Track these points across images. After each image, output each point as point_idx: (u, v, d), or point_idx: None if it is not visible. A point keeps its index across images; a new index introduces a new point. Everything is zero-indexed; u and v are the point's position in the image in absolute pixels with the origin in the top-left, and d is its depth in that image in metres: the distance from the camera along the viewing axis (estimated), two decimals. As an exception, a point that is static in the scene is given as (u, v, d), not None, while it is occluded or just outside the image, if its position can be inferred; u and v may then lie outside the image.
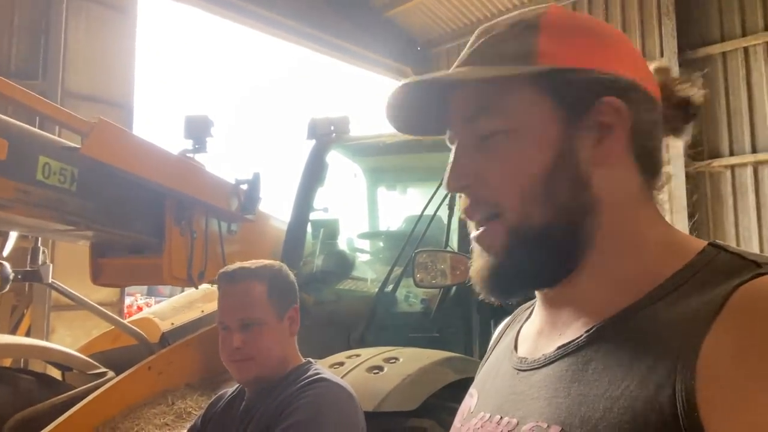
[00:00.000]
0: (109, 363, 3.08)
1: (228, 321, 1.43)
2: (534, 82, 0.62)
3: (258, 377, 1.43)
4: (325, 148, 3.63)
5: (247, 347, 1.40)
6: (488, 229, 0.64)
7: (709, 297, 0.52)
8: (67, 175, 2.21)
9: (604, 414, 0.52)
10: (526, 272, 0.63)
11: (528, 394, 0.63)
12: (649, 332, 0.54)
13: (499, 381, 0.71)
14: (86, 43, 5.95)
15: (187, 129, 2.84)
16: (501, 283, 0.64)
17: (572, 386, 0.57)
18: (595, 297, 0.62)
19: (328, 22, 8.95)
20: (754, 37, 7.19)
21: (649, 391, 0.50)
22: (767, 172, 6.99)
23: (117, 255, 2.85)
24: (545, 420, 0.57)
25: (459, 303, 2.93)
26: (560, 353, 0.62)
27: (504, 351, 0.76)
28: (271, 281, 1.47)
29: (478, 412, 0.69)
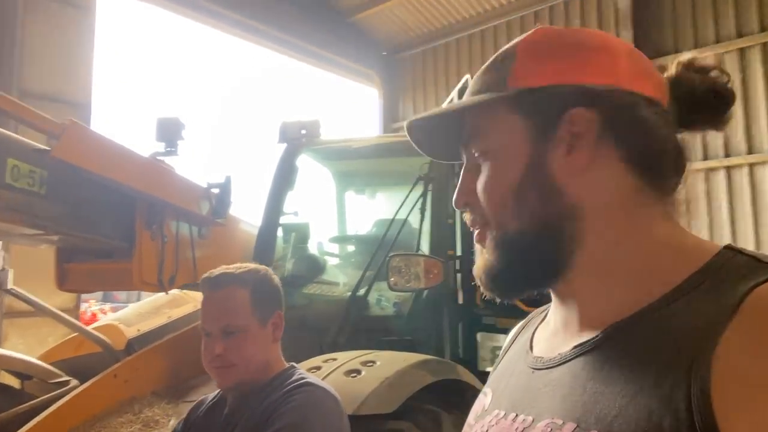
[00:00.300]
0: (72, 371, 2.99)
1: (210, 328, 1.42)
2: (508, 106, 0.67)
3: (239, 383, 1.42)
4: (296, 151, 3.63)
5: (228, 354, 1.39)
6: (482, 234, 0.70)
7: (724, 299, 0.53)
8: (36, 178, 2.14)
9: (619, 412, 0.53)
10: (515, 273, 0.67)
11: (543, 391, 0.64)
12: (665, 333, 0.55)
13: (514, 380, 0.72)
14: (43, 41, 5.76)
15: (158, 131, 2.79)
16: (496, 283, 0.69)
17: (588, 384, 0.58)
18: (606, 298, 0.63)
19: (295, 25, 8.92)
20: (706, 48, 7.53)
21: (665, 390, 0.51)
22: (718, 178, 7.32)
23: (84, 260, 2.77)
24: (560, 417, 0.58)
25: (431, 306, 2.97)
26: (576, 352, 0.63)
27: (519, 352, 0.77)
28: (254, 287, 1.46)
29: (493, 410, 0.71)
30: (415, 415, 2.07)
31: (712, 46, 7.50)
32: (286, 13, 8.78)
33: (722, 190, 7.30)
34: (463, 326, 3.21)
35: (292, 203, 3.57)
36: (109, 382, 2.77)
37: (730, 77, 0.70)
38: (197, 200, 3.04)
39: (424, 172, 2.99)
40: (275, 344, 1.50)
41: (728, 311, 0.51)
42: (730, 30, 7.43)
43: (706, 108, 0.69)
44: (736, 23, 7.38)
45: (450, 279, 3.08)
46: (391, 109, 10.71)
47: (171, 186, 2.86)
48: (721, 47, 7.44)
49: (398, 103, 10.68)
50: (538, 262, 0.66)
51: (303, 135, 3.64)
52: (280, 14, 8.66)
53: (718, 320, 0.51)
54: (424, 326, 2.95)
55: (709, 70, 0.70)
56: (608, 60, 0.65)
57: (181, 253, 2.95)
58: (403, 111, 10.58)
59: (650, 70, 0.68)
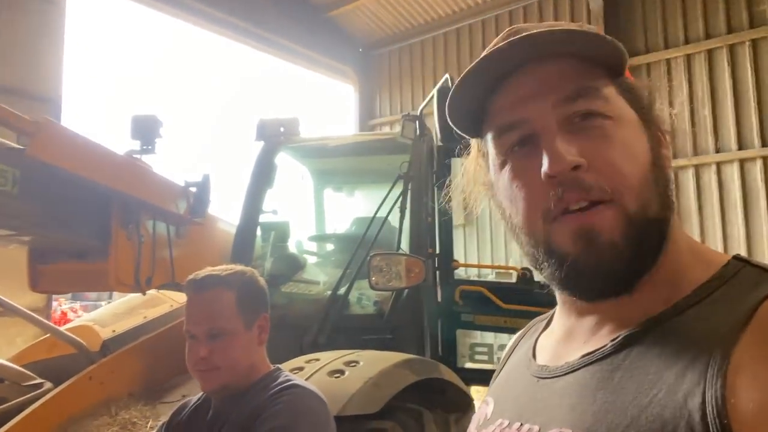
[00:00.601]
0: (45, 373, 2.92)
1: (195, 330, 1.40)
2: (615, 82, 0.64)
3: (224, 386, 1.40)
4: (274, 149, 3.61)
5: (213, 357, 1.37)
6: (597, 213, 0.58)
7: (737, 308, 0.52)
8: (8, 177, 2.08)
9: (631, 422, 0.52)
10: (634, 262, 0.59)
11: (550, 401, 0.62)
12: (677, 342, 0.54)
13: (518, 389, 0.70)
14: (10, 35, 5.60)
15: (134, 129, 2.73)
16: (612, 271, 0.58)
17: (598, 394, 0.57)
18: (624, 306, 0.61)
19: (271, 21, 8.84)
20: (675, 50, 7.72)
21: (678, 399, 0.50)
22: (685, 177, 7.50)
23: (58, 260, 2.70)
24: (569, 426, 0.57)
25: (411, 304, 2.99)
26: (585, 361, 0.61)
27: (521, 360, 0.76)
28: (240, 289, 1.44)
29: (496, 419, 0.69)
30: (399, 415, 2.08)
31: (682, 47, 7.68)
32: (263, 9, 8.70)
33: (691, 189, 7.50)
34: (443, 324, 3.24)
35: (270, 201, 3.55)
36: (84, 384, 2.72)
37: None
38: (175, 199, 2.99)
39: (404, 170, 3.00)
40: (261, 347, 1.49)
41: (741, 321, 0.51)
42: (699, 31, 7.62)
43: None
44: (704, 25, 7.58)
45: (429, 277, 3.11)
46: (367, 106, 10.71)
47: (147, 184, 2.81)
48: (690, 48, 7.63)
49: (375, 99, 10.68)
50: (652, 257, 0.60)
51: (281, 133, 3.61)
52: (256, 10, 8.58)
53: (731, 330, 0.51)
54: (405, 324, 2.96)
55: None
56: None
57: (158, 252, 2.90)
58: (379, 108, 10.59)
59: None
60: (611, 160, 0.59)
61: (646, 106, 0.65)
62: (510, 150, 0.64)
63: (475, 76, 0.64)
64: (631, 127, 0.62)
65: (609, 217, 0.58)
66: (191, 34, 17.99)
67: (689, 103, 7.54)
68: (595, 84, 0.61)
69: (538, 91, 0.62)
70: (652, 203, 0.59)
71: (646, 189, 0.59)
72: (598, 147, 0.59)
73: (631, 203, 0.58)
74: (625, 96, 0.63)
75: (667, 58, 7.81)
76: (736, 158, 7.23)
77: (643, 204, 0.58)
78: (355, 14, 9.95)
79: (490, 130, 0.67)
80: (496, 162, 0.67)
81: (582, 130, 0.60)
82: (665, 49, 7.83)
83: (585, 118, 0.61)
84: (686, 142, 7.50)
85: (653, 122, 0.65)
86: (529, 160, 0.62)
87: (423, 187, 3.13)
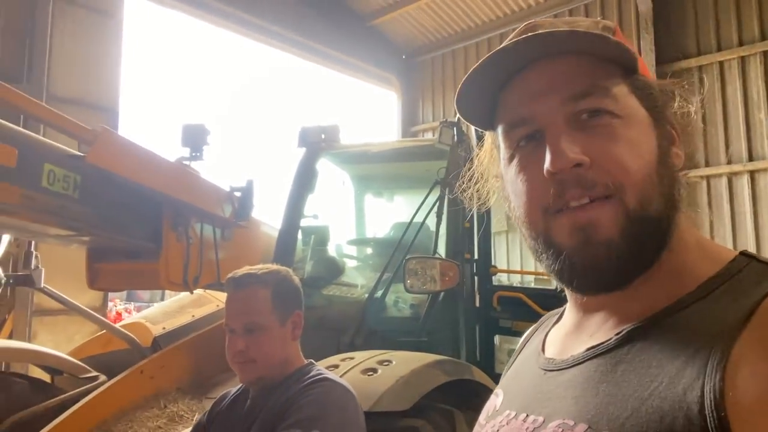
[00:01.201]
0: (100, 367, 3.09)
1: (233, 325, 1.50)
2: (627, 80, 0.64)
3: (260, 378, 1.49)
4: (316, 156, 3.71)
5: (249, 350, 1.47)
6: (597, 209, 0.59)
7: (739, 304, 0.53)
8: (70, 182, 2.26)
9: (632, 414, 0.53)
10: (633, 257, 0.60)
11: (555, 393, 0.64)
12: (679, 336, 0.55)
13: (526, 381, 0.72)
14: (72, 47, 5.93)
15: (183, 137, 2.89)
16: (609, 265, 0.60)
17: (600, 386, 0.58)
18: (629, 301, 0.62)
19: (314, 29, 9.01)
20: (728, 51, 7.45)
21: (678, 392, 0.51)
22: (741, 183, 7.24)
23: (113, 260, 2.87)
24: (572, 418, 0.58)
25: (447, 309, 3.02)
26: (589, 354, 0.62)
27: (531, 353, 0.77)
28: (275, 287, 1.53)
29: (504, 411, 0.70)
30: (430, 413, 2.12)
31: (735, 48, 7.42)
32: (307, 17, 8.89)
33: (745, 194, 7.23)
34: (480, 329, 3.26)
35: (311, 206, 3.65)
36: (136, 378, 2.88)
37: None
38: (221, 203, 3.13)
39: (441, 176, 3.04)
40: (294, 342, 1.57)
41: (743, 315, 0.51)
42: (754, 33, 7.34)
43: None
44: (760, 26, 7.29)
45: (467, 282, 3.13)
46: (409, 113, 10.75)
47: (196, 190, 2.95)
48: (744, 50, 7.35)
49: (417, 106, 10.72)
50: (655, 253, 0.61)
51: (322, 139, 3.71)
52: (300, 18, 8.77)
53: (733, 324, 0.51)
54: (441, 328, 3.00)
55: None
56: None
57: (205, 254, 3.04)
58: (422, 114, 10.62)
59: None
60: (615, 157, 0.59)
61: (660, 105, 0.65)
62: (518, 144, 0.66)
63: (488, 68, 0.65)
64: (639, 126, 0.62)
65: (608, 213, 0.59)
66: (239, 45, 18.56)
67: (743, 106, 7.28)
68: (604, 82, 0.62)
69: (547, 88, 0.63)
70: (655, 201, 0.60)
71: (650, 186, 0.60)
72: (603, 144, 0.60)
73: (633, 199, 0.59)
74: (637, 94, 0.64)
75: (720, 61, 7.55)
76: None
77: (644, 201, 0.59)
78: (399, 22, 10.03)
79: (501, 124, 0.68)
80: (506, 155, 0.68)
81: (589, 127, 0.61)
82: (719, 51, 7.57)
83: (593, 115, 0.61)
84: (741, 146, 7.24)
85: (666, 121, 0.66)
86: (534, 156, 0.63)
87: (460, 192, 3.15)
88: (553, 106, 0.62)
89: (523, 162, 0.65)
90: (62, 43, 5.85)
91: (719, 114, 7.39)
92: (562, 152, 0.59)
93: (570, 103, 0.62)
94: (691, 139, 0.70)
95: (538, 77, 0.64)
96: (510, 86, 0.67)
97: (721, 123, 7.37)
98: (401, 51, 10.71)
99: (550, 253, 0.63)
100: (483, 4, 9.33)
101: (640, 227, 0.59)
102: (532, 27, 0.67)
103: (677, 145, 0.66)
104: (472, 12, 9.56)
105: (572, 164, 0.59)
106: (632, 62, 0.64)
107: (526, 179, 0.65)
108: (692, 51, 7.74)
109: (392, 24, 10.11)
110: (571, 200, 0.60)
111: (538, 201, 0.63)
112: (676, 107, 0.68)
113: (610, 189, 0.59)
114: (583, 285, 0.63)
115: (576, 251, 0.60)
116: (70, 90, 5.84)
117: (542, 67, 0.64)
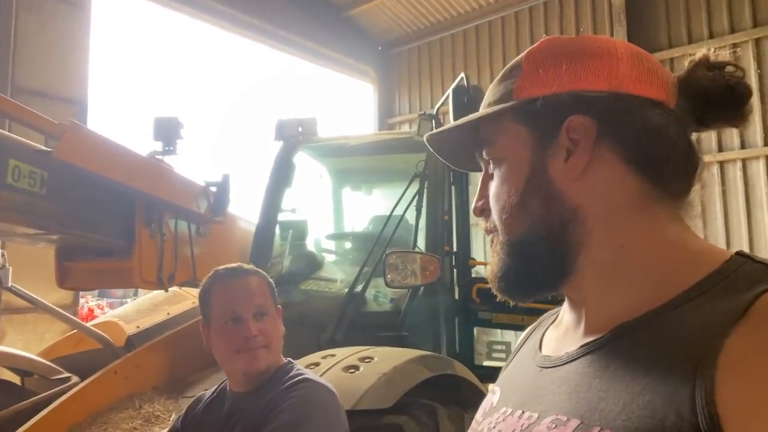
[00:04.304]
0: (72, 368, 3.01)
1: (242, 310, 1.45)
2: (514, 115, 0.69)
3: (267, 368, 1.45)
4: (293, 149, 3.66)
5: (263, 335, 1.44)
6: (494, 240, 0.73)
7: (733, 303, 0.53)
8: (36, 179, 2.17)
9: (623, 408, 0.54)
10: (522, 277, 0.70)
11: (550, 389, 0.65)
12: (672, 333, 0.56)
13: (522, 378, 0.74)
14: (37, 38, 5.75)
15: (156, 130, 2.81)
16: (506, 286, 0.71)
17: (594, 382, 0.59)
18: (613, 300, 0.64)
19: (290, 21, 8.91)
20: (699, 44, 7.59)
21: (669, 389, 0.51)
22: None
23: (84, 258, 2.79)
24: (565, 413, 0.59)
25: (427, 302, 3.01)
26: (583, 351, 0.64)
27: (529, 351, 0.79)
28: (265, 277, 1.55)
29: (500, 408, 0.72)
30: (413, 410, 2.11)
31: (706, 41, 7.55)
32: (282, 8, 8.77)
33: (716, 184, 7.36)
34: (460, 321, 3.26)
35: (289, 200, 3.60)
36: (109, 379, 2.80)
37: (744, 72, 0.68)
38: (196, 198, 3.06)
39: (420, 169, 3.02)
40: None
41: (736, 314, 0.52)
42: (723, 26, 7.48)
43: (722, 105, 0.67)
44: (729, 19, 7.43)
45: (446, 275, 3.12)
46: (386, 105, 10.72)
47: (170, 185, 2.88)
48: (714, 43, 7.48)
49: (394, 98, 10.69)
50: (543, 266, 0.68)
51: (300, 132, 3.67)
52: (275, 10, 8.65)
53: (725, 323, 0.52)
54: (421, 322, 2.99)
55: (722, 66, 0.68)
56: (608, 65, 0.66)
57: (180, 250, 2.97)
58: (398, 106, 10.60)
59: (655, 72, 0.67)
60: (491, 200, 0.73)
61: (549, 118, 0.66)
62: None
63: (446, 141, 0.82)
64: (506, 164, 0.71)
65: (497, 243, 0.72)
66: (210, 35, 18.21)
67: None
68: (490, 133, 0.73)
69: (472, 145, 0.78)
70: (519, 227, 0.69)
71: (509, 218, 0.69)
72: (490, 192, 0.73)
73: (502, 232, 0.71)
74: (521, 120, 0.69)
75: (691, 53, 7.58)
76: (762, 154, 7.09)
77: (509, 230, 0.70)
78: (374, 13, 9.97)
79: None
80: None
81: (489, 178, 0.75)
82: (689, 43, 7.70)
83: (489, 168, 0.75)
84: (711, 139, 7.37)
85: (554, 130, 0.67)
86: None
87: (439, 185, 3.15)
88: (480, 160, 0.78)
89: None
90: (27, 33, 5.67)
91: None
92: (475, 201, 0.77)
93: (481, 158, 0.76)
94: None
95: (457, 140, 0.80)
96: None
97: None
98: (377, 42, 10.65)
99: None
100: (458, -4, 9.33)
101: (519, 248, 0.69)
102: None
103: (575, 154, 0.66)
104: (448, 3, 9.55)
105: (478, 212, 0.76)
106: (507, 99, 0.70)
107: None
108: (664, 43, 7.86)
109: (368, 15, 10.04)
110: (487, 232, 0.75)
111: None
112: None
113: (492, 225, 0.73)
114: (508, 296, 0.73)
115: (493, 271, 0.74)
116: (36, 81, 5.67)
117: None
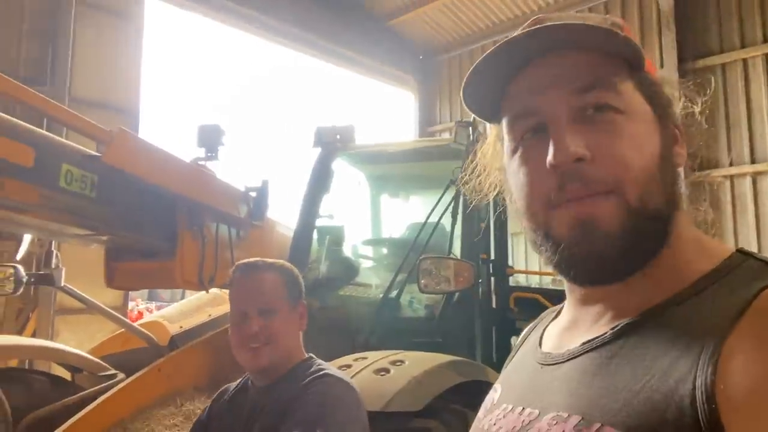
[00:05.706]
0: (119, 365, 3.13)
1: (247, 307, 1.50)
2: (634, 81, 0.64)
3: (271, 364, 1.48)
4: (331, 156, 3.71)
5: (264, 332, 1.47)
6: (597, 204, 0.60)
7: (734, 299, 0.53)
8: (87, 182, 2.30)
9: (624, 405, 0.54)
10: (631, 252, 0.60)
11: (550, 386, 0.65)
12: (673, 330, 0.56)
13: (523, 375, 0.74)
14: (93, 50, 6.04)
15: (199, 137, 2.93)
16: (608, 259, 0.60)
17: (595, 379, 0.59)
18: (626, 296, 0.63)
19: (331, 30, 9.04)
20: (753, 48, 7.29)
21: (669, 384, 0.51)
22: (766, 182, 7.08)
23: (130, 259, 2.91)
24: (566, 410, 0.59)
25: (462, 308, 3.00)
26: (585, 348, 0.64)
27: (529, 349, 0.78)
28: (284, 273, 1.58)
29: (501, 404, 0.72)
30: (443, 414, 2.10)
31: (760, 45, 7.25)
32: (324, 18, 8.92)
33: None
34: (497, 330, 3.23)
35: (327, 206, 3.65)
36: (153, 376, 2.89)
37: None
38: (236, 203, 3.15)
39: (457, 176, 3.01)
40: (299, 332, 1.59)
41: (737, 311, 0.52)
42: (779, 28, 7.18)
43: None
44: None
45: (483, 282, 3.11)
46: (427, 113, 10.72)
47: (211, 190, 2.98)
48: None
49: (434, 106, 10.68)
50: (653, 251, 0.62)
51: (337, 140, 3.72)
52: (317, 19, 8.80)
53: (726, 319, 0.52)
54: (456, 328, 2.97)
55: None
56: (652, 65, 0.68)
57: (221, 253, 3.06)
58: (439, 114, 10.59)
59: None
60: (617, 153, 0.60)
61: (664, 103, 0.66)
62: (522, 137, 0.66)
63: (496, 60, 0.66)
64: (643, 123, 0.62)
65: (608, 208, 0.59)
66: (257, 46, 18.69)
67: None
68: (611, 78, 0.62)
69: (553, 82, 0.63)
70: (655, 198, 0.60)
71: (651, 183, 0.60)
72: (605, 140, 0.60)
73: (633, 196, 0.59)
74: (642, 92, 0.64)
75: (744, 58, 7.38)
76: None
77: (645, 197, 0.60)
78: (416, 22, 10.01)
79: (506, 116, 0.69)
80: (509, 147, 0.69)
81: (593, 122, 0.61)
82: (742, 48, 7.41)
83: (598, 110, 0.61)
84: (766, 145, 7.08)
85: (669, 119, 0.66)
86: (537, 149, 0.63)
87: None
88: (559, 100, 0.62)
89: (526, 154, 0.66)
90: (84, 46, 5.96)
91: (743, 112, 7.23)
92: (565, 146, 0.60)
93: (575, 97, 0.62)
94: (693, 140, 0.70)
95: (545, 71, 0.64)
96: (517, 78, 0.67)
97: (745, 121, 7.21)
98: (418, 51, 10.69)
99: (549, 245, 0.63)
100: (501, 3, 9.26)
101: (640, 223, 0.59)
102: (540, 20, 0.67)
103: (680, 144, 0.67)
104: (490, 11, 9.50)
105: (574, 158, 0.59)
106: (639, 59, 0.64)
107: (528, 171, 0.65)
108: (715, 48, 7.58)
109: (409, 24, 10.08)
110: (570, 194, 0.60)
111: (539, 193, 0.63)
112: (680, 107, 0.69)
113: (609, 185, 0.59)
114: (582, 276, 0.64)
115: (575, 243, 0.61)
116: (91, 92, 5.95)
117: (549, 61, 0.64)
